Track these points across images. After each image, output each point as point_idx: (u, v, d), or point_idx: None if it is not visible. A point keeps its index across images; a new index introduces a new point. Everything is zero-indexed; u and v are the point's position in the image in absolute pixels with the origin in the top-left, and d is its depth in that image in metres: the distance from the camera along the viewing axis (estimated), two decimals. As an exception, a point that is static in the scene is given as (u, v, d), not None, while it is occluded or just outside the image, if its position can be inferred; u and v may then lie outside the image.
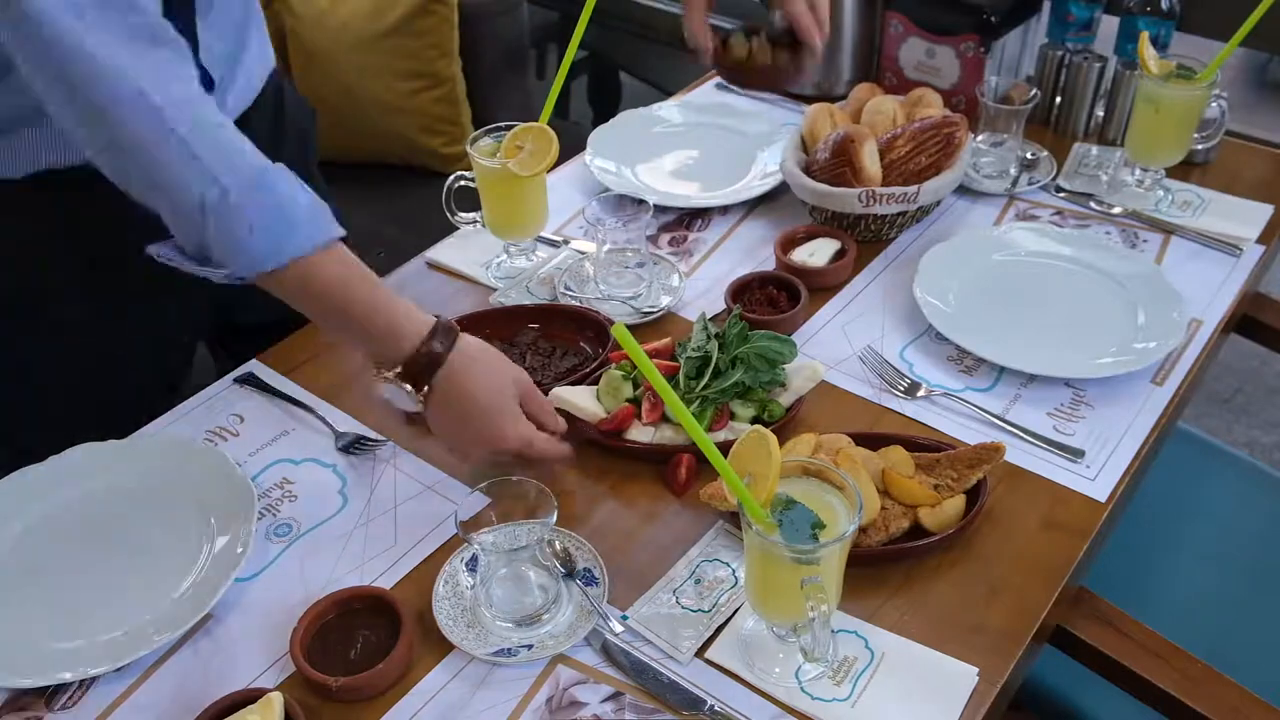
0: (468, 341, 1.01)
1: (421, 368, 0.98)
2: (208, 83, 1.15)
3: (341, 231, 0.98)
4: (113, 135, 0.91)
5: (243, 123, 1.20)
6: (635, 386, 1.11)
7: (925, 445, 1.06)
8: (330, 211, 0.98)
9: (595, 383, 1.14)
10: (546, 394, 1.12)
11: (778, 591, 0.86)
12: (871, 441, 1.06)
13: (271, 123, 1.34)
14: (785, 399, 1.12)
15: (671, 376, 1.11)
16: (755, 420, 1.10)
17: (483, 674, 0.92)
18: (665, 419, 1.10)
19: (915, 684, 0.89)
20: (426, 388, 0.99)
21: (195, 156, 0.91)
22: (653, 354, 1.14)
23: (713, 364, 1.10)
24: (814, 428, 1.09)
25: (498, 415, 1.00)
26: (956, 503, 1.01)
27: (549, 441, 1.03)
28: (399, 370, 0.99)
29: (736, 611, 0.95)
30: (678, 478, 1.07)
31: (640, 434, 1.10)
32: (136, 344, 1.27)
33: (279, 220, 0.94)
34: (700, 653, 0.92)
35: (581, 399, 1.11)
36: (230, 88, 1.22)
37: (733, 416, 1.10)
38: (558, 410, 1.09)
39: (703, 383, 1.10)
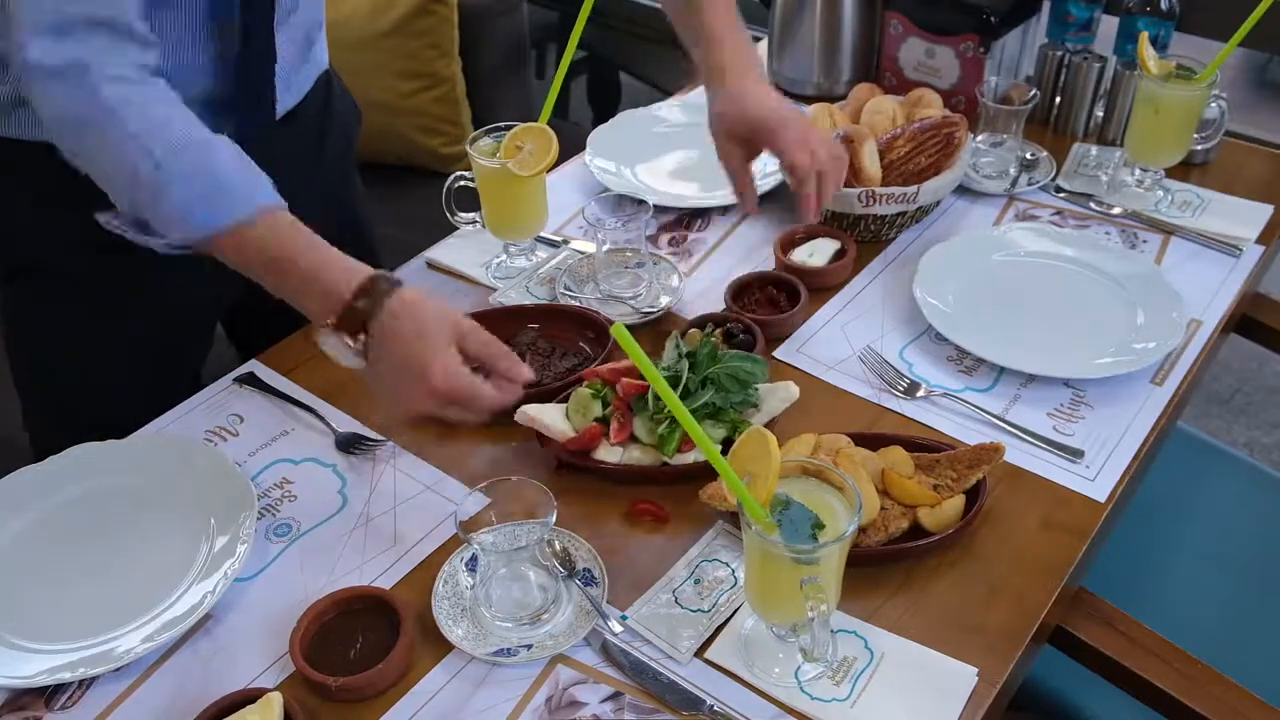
0: (408, 290, 0.98)
1: (356, 317, 0.97)
2: (267, 93, 1.19)
3: (277, 201, 0.99)
4: (49, 104, 0.95)
5: (291, 117, 1.24)
6: (604, 406, 1.08)
7: (925, 445, 1.06)
8: (268, 182, 0.99)
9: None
10: (552, 399, 1.12)
11: (777, 591, 0.86)
12: (871, 442, 1.06)
13: (319, 118, 1.36)
14: (758, 420, 1.09)
15: (640, 396, 1.08)
16: (727, 441, 1.06)
17: (482, 674, 0.92)
18: (633, 439, 1.07)
19: (915, 684, 0.89)
20: (364, 337, 0.97)
21: (128, 129, 0.94)
22: (623, 372, 1.10)
23: (682, 384, 1.06)
24: (814, 428, 1.09)
25: (425, 352, 0.95)
26: (956, 503, 1.01)
27: (478, 384, 0.97)
28: (334, 321, 0.97)
29: (736, 611, 0.95)
30: (656, 515, 1.05)
31: (608, 454, 1.07)
32: (157, 318, 1.29)
33: (213, 189, 0.96)
34: (700, 653, 0.92)
35: (549, 417, 1.09)
36: (289, 89, 1.25)
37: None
38: (532, 434, 1.09)
39: None
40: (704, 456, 1.04)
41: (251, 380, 1.23)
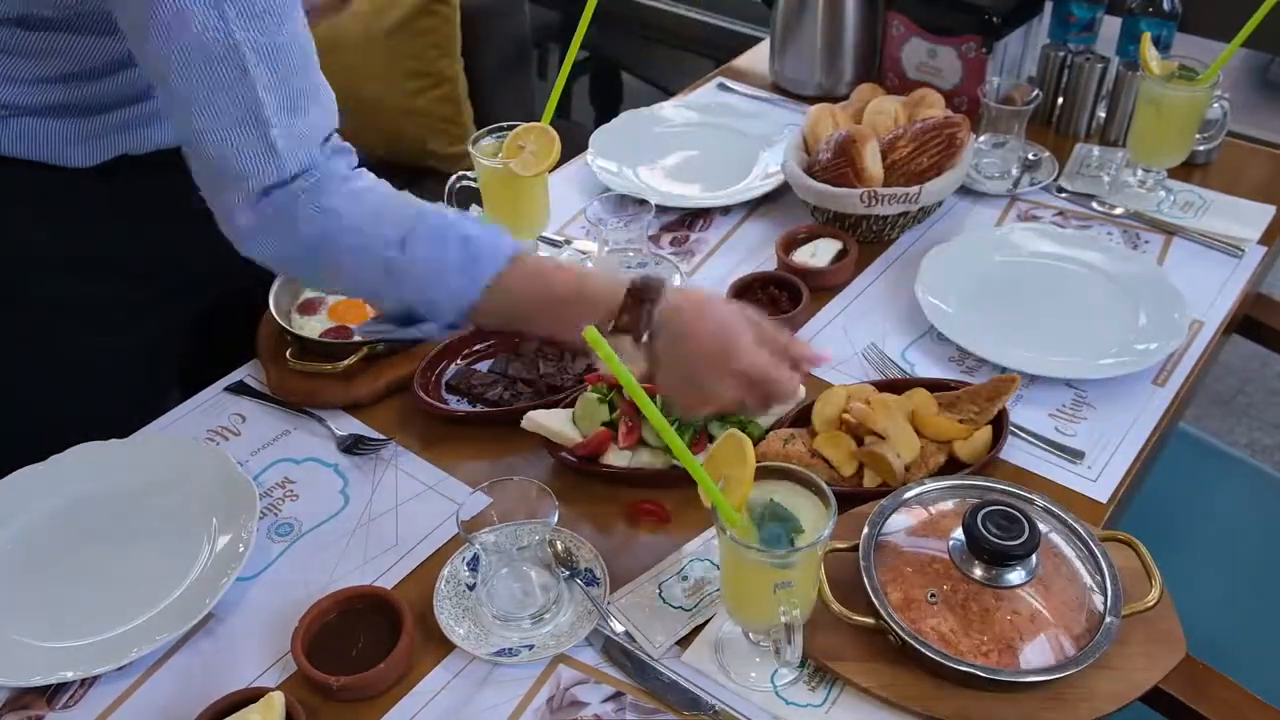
0: (682, 287, 0.99)
1: (638, 311, 0.93)
2: None
3: (518, 246, 0.97)
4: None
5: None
6: (611, 410, 1.08)
7: (942, 385, 1.12)
8: (503, 230, 0.98)
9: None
10: (557, 405, 1.12)
11: (751, 595, 0.86)
12: (894, 388, 1.12)
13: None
14: (765, 420, 1.10)
15: (649, 399, 1.07)
16: None
17: (483, 674, 0.92)
18: (643, 442, 1.08)
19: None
20: (647, 335, 0.93)
21: (357, 227, 0.94)
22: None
23: None
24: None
25: (734, 337, 0.93)
26: (984, 434, 1.07)
27: (783, 370, 0.95)
28: (613, 325, 0.93)
29: (716, 614, 0.95)
30: (658, 515, 1.05)
31: (617, 458, 1.07)
32: (91, 373, 1.24)
33: (462, 251, 0.94)
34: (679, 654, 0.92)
35: (556, 423, 1.09)
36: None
37: (710, 439, 1.06)
38: (532, 433, 1.09)
39: None
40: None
41: (242, 389, 1.22)
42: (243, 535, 1.01)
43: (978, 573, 0.89)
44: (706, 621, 0.94)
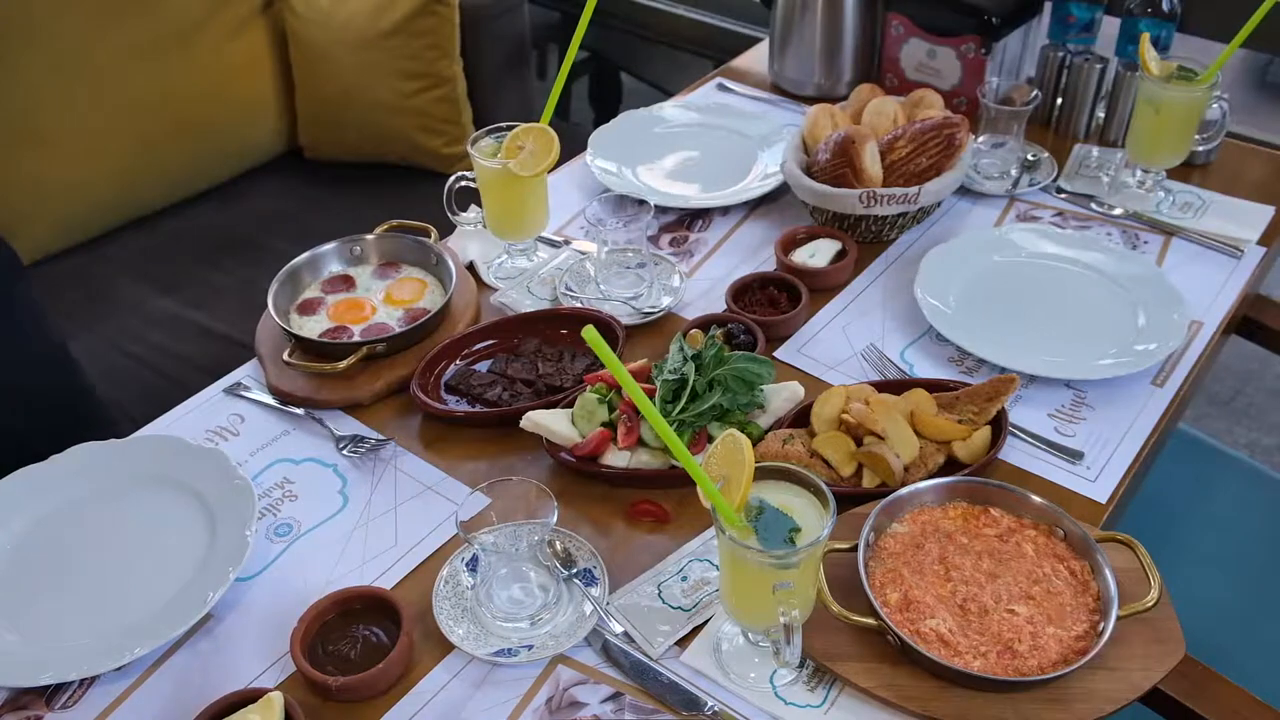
0: None
1: None
2: None
3: None
4: None
5: None
6: (611, 410, 1.08)
7: (941, 386, 1.12)
8: None
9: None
10: (556, 405, 1.12)
11: (751, 596, 0.86)
12: (893, 388, 1.11)
13: None
14: (764, 421, 1.10)
15: (649, 399, 1.07)
16: None
17: (483, 674, 0.92)
18: (642, 442, 1.08)
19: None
20: None
21: None
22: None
23: (689, 387, 1.06)
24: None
25: None
26: (983, 434, 1.06)
27: None
28: None
29: (715, 614, 0.95)
30: (657, 516, 1.05)
31: (616, 459, 1.07)
32: None
33: None
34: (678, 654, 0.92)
35: (556, 423, 1.09)
36: None
37: (710, 439, 1.06)
38: (532, 433, 1.08)
39: (680, 406, 1.06)
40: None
41: (239, 391, 1.22)
42: (241, 535, 1.01)
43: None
44: (706, 621, 0.94)
